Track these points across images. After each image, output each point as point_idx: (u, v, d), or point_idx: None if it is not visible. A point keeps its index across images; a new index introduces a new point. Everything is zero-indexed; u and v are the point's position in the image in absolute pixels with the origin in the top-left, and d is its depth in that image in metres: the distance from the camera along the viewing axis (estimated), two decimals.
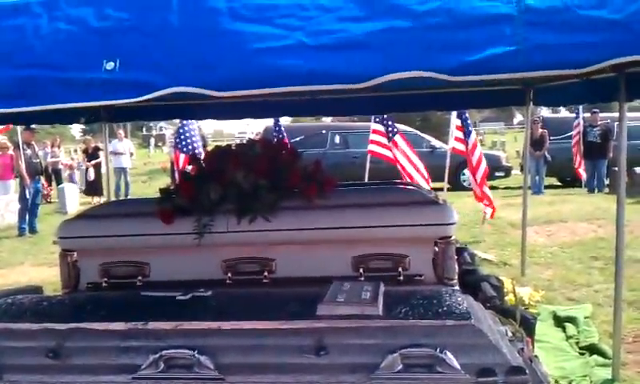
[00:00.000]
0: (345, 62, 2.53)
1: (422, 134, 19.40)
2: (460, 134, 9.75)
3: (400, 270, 3.49)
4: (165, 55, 2.61)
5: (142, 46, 2.64)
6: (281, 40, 2.57)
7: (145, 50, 2.64)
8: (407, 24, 2.52)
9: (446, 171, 10.91)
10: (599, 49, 2.44)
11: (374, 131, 10.31)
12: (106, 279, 3.66)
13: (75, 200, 17.70)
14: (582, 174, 16.72)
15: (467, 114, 9.49)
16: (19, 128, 13.22)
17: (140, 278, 3.63)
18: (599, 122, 16.44)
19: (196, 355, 2.34)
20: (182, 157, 10.61)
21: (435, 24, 2.51)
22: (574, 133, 16.51)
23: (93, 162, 18.78)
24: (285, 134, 11.18)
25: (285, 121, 14.31)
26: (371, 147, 10.40)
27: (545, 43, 2.44)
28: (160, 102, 2.80)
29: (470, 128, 9.61)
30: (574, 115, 17.07)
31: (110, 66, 2.60)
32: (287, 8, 2.61)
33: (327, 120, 23.42)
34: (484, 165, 9.57)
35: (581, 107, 15.92)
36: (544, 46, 2.44)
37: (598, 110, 16.61)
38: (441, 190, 10.70)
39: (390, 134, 10.08)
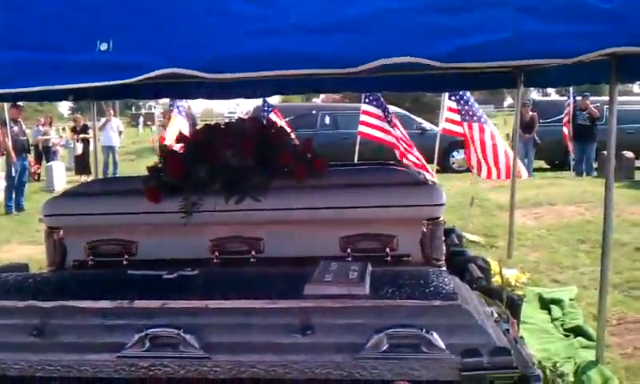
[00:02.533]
0: (335, 47, 2.52)
1: (412, 116, 19.39)
2: (453, 115, 9.65)
3: (388, 250, 3.49)
4: (158, 35, 2.60)
5: (134, 26, 2.62)
6: (273, 21, 2.56)
7: (138, 30, 2.62)
8: (398, 5, 2.50)
9: (436, 153, 10.91)
10: (591, 38, 2.44)
11: (364, 112, 10.29)
12: (92, 257, 3.64)
13: (63, 178, 17.65)
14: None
15: (468, 96, 9.32)
16: (6, 105, 13.11)
17: (126, 256, 3.61)
18: (589, 105, 16.48)
19: (182, 334, 2.33)
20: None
21: (426, 7, 2.50)
22: (565, 112, 16.52)
23: (81, 135, 18.70)
24: (271, 112, 11.16)
25: (275, 101, 14.26)
26: (361, 128, 10.37)
27: (537, 31, 2.43)
28: (150, 81, 2.77)
29: (475, 110, 9.36)
30: (564, 98, 17.09)
31: (104, 46, 2.58)
32: None
33: (317, 100, 23.36)
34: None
35: (572, 90, 15.94)
36: (536, 34, 2.44)
37: (588, 94, 16.64)
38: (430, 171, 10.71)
39: (388, 117, 10.06)
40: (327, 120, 18.73)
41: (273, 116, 11.10)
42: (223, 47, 2.55)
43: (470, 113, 9.24)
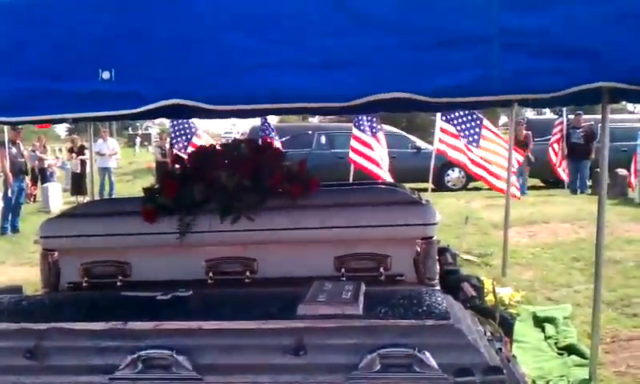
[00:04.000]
0: (328, 83, 2.59)
1: (408, 135, 19.47)
2: (446, 137, 9.71)
3: (381, 270, 3.50)
4: (160, 66, 2.63)
5: (136, 56, 2.65)
6: (270, 56, 2.61)
7: (140, 60, 2.65)
8: (388, 41, 2.55)
9: (431, 172, 10.95)
10: (572, 75, 2.50)
11: (354, 137, 10.34)
12: (86, 279, 3.64)
13: (59, 199, 17.63)
14: (561, 173, 16.79)
15: (463, 113, 9.37)
16: (5, 127, 13.12)
17: (121, 277, 3.62)
18: (582, 124, 16.57)
19: (174, 355, 2.33)
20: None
21: (415, 44, 2.55)
22: (554, 131, 16.58)
23: (80, 157, 18.72)
24: (274, 133, 11.21)
25: (271, 120, 14.30)
26: (351, 155, 10.43)
27: (520, 67, 2.49)
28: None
29: (466, 128, 9.41)
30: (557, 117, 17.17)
31: (105, 75, 2.61)
32: (278, 21, 2.62)
33: (314, 120, 23.42)
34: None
35: (565, 108, 16.03)
36: (519, 71, 2.49)
37: (581, 112, 16.74)
38: (425, 190, 10.73)
39: (374, 130, 10.10)
40: (323, 140, 18.75)
41: (273, 135, 11.15)
42: (224, 79, 2.59)
43: (467, 133, 9.31)
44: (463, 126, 9.45)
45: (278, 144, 9.65)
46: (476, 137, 9.32)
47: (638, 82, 2.53)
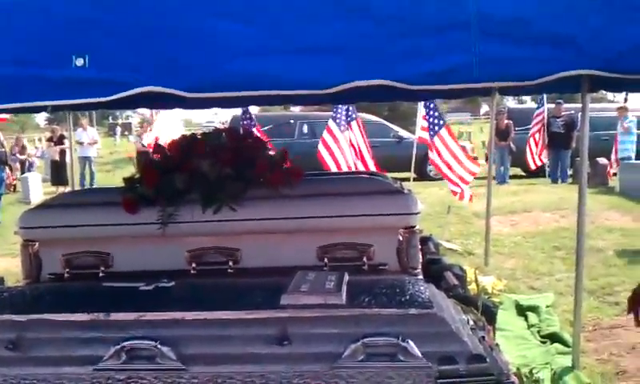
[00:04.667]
0: (309, 69, 2.56)
1: (390, 124, 19.50)
2: (425, 123, 9.78)
3: (364, 259, 3.51)
4: (135, 52, 2.60)
5: (111, 41, 2.61)
6: (248, 42, 2.58)
7: (115, 46, 2.61)
8: (368, 28, 2.54)
9: (413, 161, 10.97)
10: (552, 62, 2.51)
11: (328, 130, 10.28)
12: (68, 270, 3.61)
13: (39, 189, 17.46)
14: (530, 162, 16.82)
15: (434, 104, 9.45)
16: None
17: (103, 268, 3.59)
18: (563, 113, 16.68)
19: (158, 346, 2.32)
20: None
21: (395, 32, 2.54)
22: (535, 122, 16.66)
23: (58, 147, 18.58)
24: (255, 122, 11.14)
25: (253, 110, 14.23)
26: (320, 147, 10.34)
27: (500, 56, 2.50)
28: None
29: (438, 118, 9.49)
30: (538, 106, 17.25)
31: (79, 62, 2.57)
32: (257, 6, 2.60)
33: (295, 109, 23.38)
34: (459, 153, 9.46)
35: (545, 97, 16.12)
36: (499, 59, 2.50)
37: (562, 101, 16.86)
38: (407, 180, 10.77)
39: (349, 119, 10.08)
40: (305, 129, 18.75)
41: (254, 124, 11.09)
42: (201, 66, 2.56)
43: (438, 122, 9.38)
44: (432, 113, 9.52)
45: (258, 134, 9.61)
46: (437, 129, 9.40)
47: (618, 70, 2.54)
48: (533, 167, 16.92)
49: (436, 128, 9.37)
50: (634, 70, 2.52)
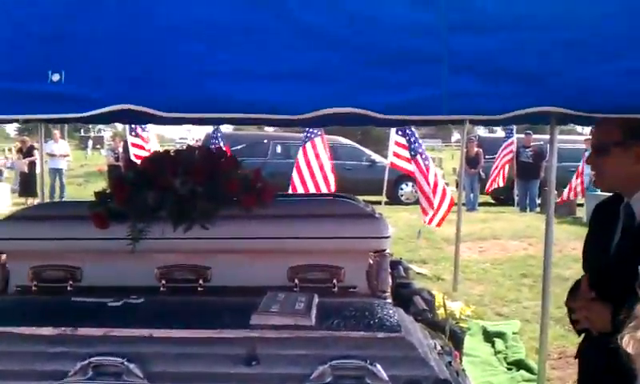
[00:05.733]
0: (278, 94, 2.58)
1: (362, 148, 19.63)
2: (400, 150, 9.85)
3: (335, 281, 3.51)
4: (112, 69, 2.59)
5: (87, 59, 2.60)
6: (224, 64, 2.59)
7: (91, 63, 2.60)
8: (339, 56, 2.58)
9: (384, 185, 11.04)
10: (519, 97, 2.57)
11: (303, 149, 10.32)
12: (35, 283, 3.57)
13: (7, 200, 17.24)
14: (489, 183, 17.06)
15: (413, 130, 9.51)
16: None
17: (71, 282, 3.55)
18: (532, 144, 16.94)
19: (125, 363, 2.31)
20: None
21: (367, 61, 2.58)
22: (504, 151, 16.87)
23: (27, 159, 18.37)
24: (222, 141, 11.12)
25: (226, 129, 14.23)
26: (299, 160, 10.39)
27: (468, 89, 2.55)
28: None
29: (418, 145, 9.54)
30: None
31: (55, 77, 2.56)
32: (232, 29, 2.62)
33: (269, 129, 23.41)
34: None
35: (514, 128, 16.37)
36: (467, 92, 2.55)
37: (530, 132, 17.15)
38: (379, 203, 10.82)
39: (312, 135, 10.11)
40: (279, 149, 18.79)
41: (222, 143, 11.07)
42: (176, 87, 2.57)
43: (419, 150, 9.43)
44: (412, 139, 9.57)
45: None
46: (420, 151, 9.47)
47: (581, 108, 2.61)
48: (489, 188, 17.12)
49: (419, 151, 9.42)
50: (598, 109, 2.59)
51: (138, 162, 4.29)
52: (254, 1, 2.60)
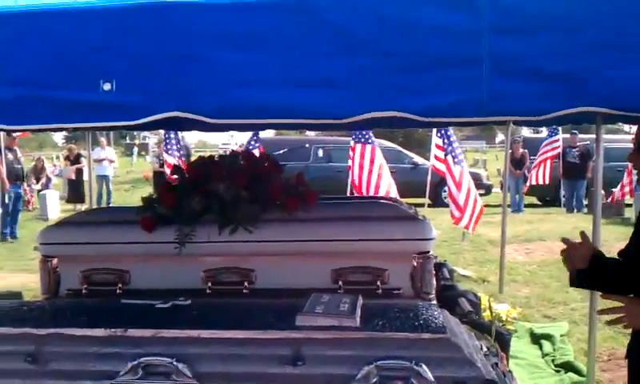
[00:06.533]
0: (321, 100, 2.63)
1: (405, 151, 19.55)
2: (439, 153, 9.80)
3: (379, 283, 3.52)
4: (158, 80, 2.67)
5: (135, 69, 2.68)
6: (266, 72, 2.65)
7: (139, 73, 2.68)
8: (379, 63, 2.60)
9: (427, 187, 10.99)
10: (559, 98, 2.56)
11: (353, 149, 10.34)
12: (85, 286, 3.66)
13: (56, 207, 17.61)
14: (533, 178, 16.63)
15: (450, 132, 9.44)
16: (1, 133, 13.15)
17: (120, 285, 3.63)
18: (578, 143, 16.66)
19: (174, 363, 2.36)
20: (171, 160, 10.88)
21: (405, 65, 2.60)
22: (544, 146, 16.50)
23: (74, 166, 18.75)
24: (260, 145, 11.20)
25: (268, 134, 14.35)
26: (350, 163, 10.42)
27: (509, 90, 2.54)
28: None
29: (454, 146, 9.46)
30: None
31: (107, 86, 2.64)
32: (274, 39, 2.66)
33: (311, 133, 23.50)
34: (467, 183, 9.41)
35: (560, 128, 16.09)
36: (508, 93, 2.55)
37: (576, 132, 16.83)
38: (422, 205, 10.78)
39: (367, 143, 10.10)
40: (320, 153, 18.82)
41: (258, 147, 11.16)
42: (222, 95, 2.64)
43: (453, 153, 9.33)
44: (445, 140, 9.48)
45: None
46: (460, 157, 9.37)
47: (622, 108, 2.58)
48: (534, 182, 16.67)
49: (452, 153, 9.33)
50: (637, 108, 2.57)
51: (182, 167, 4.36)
52: (294, 11, 2.64)
